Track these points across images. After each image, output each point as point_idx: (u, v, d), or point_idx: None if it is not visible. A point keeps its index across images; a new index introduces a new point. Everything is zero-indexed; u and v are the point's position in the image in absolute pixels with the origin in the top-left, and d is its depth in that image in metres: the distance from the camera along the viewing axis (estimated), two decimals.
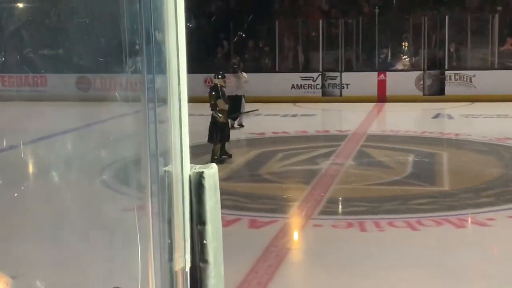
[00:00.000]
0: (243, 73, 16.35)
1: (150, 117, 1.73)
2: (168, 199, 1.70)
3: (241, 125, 15.48)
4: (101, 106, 15.38)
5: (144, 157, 1.77)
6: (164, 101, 1.70)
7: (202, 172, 1.71)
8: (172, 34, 1.66)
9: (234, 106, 14.00)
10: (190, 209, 1.70)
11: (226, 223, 7.85)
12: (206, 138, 11.27)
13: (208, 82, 21.55)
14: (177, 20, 1.67)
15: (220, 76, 11.81)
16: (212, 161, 11.16)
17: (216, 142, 11.24)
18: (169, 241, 1.70)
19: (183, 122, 1.68)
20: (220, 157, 11.27)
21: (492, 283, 6.03)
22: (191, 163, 1.76)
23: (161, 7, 1.67)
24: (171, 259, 1.72)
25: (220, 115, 11.22)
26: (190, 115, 1.75)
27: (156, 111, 1.76)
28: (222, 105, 11.35)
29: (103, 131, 13.79)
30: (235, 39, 23.25)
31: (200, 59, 21.69)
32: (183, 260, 1.73)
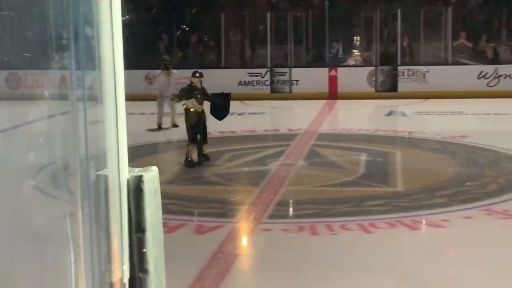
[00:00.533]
0: (174, 70, 16.20)
1: (80, 117, 1.69)
2: (105, 205, 1.66)
3: (175, 125, 15.31)
4: (30, 105, 15.06)
5: (73, 161, 1.72)
6: (98, 99, 1.66)
7: (141, 175, 1.67)
8: (106, 28, 1.62)
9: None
10: (128, 215, 1.67)
11: (170, 229, 7.79)
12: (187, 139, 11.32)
13: (149, 79, 21.44)
14: (112, 12, 1.64)
15: (197, 75, 11.73)
16: (186, 164, 11.12)
17: (194, 143, 11.20)
18: (106, 250, 1.66)
19: (119, 122, 1.64)
20: (199, 159, 11.28)
21: (448, 286, 6.14)
22: (130, 166, 1.72)
23: None
24: (108, 269, 1.68)
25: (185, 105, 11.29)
26: (130, 114, 1.71)
27: (89, 111, 1.72)
28: (196, 105, 11.25)
29: (33, 132, 13.52)
30: (178, 33, 23.09)
31: (140, 54, 21.47)
32: (121, 271, 1.69)
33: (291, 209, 9.23)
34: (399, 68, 21.07)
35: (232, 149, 12.93)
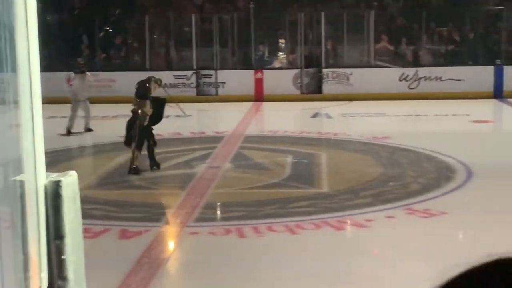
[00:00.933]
0: (88, 73, 15.95)
1: None
2: (21, 211, 1.62)
3: (89, 130, 15.06)
4: None
5: None
6: (14, 102, 1.61)
7: (59, 180, 1.63)
8: (21, 28, 1.58)
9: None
10: (46, 221, 1.63)
11: (93, 235, 7.64)
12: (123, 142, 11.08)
13: (70, 81, 21.01)
14: (27, 12, 1.59)
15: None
16: (130, 170, 10.81)
17: (139, 148, 10.93)
18: (22, 257, 1.62)
19: (36, 126, 1.60)
20: (153, 164, 11.01)
21: (373, 284, 6.25)
22: (48, 171, 1.68)
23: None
24: (25, 277, 1.64)
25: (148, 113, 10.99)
26: (51, 117, 1.66)
27: (6, 115, 1.67)
28: (148, 109, 11.03)
29: None
30: (101, 34, 22.74)
31: (62, 56, 21.05)
32: (39, 279, 1.65)
33: (218, 212, 9.22)
34: (324, 70, 21.31)
35: (158, 152, 12.78)
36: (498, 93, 20.35)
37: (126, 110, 18.45)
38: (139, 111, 10.89)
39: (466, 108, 17.95)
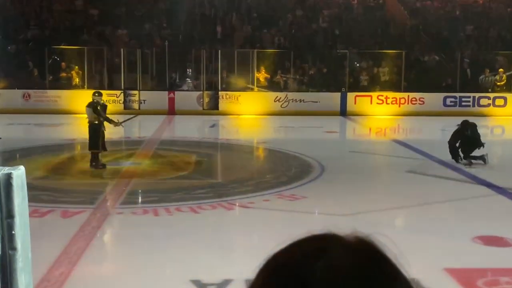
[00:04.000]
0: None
1: None
2: None
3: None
4: None
5: None
6: None
7: (11, 173, 1.57)
8: None
9: None
10: None
11: (41, 214, 7.31)
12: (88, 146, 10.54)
13: (26, 97, 20.37)
14: None
15: (97, 94, 10.85)
16: (96, 166, 10.33)
17: (100, 150, 10.43)
18: None
19: None
20: (99, 163, 10.47)
21: (253, 251, 6.33)
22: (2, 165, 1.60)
23: None
24: None
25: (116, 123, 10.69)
26: (9, 124, 1.58)
27: None
28: (90, 117, 10.50)
29: None
30: (50, 61, 21.96)
31: (19, 77, 20.37)
32: None
33: (139, 197, 9.04)
34: (220, 92, 21.38)
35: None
36: (343, 112, 21.11)
37: (68, 120, 17.82)
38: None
39: (320, 122, 18.50)
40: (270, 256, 0.63)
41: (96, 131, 10.40)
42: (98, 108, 10.50)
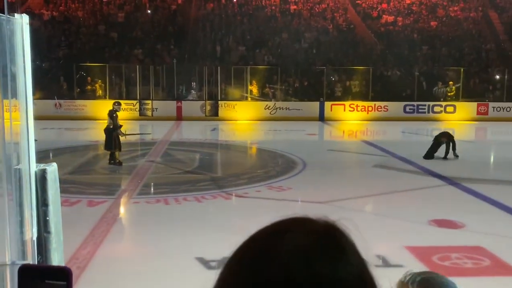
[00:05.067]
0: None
1: (6, 130, 1.55)
2: (19, 189, 1.53)
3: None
4: None
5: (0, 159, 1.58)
6: (14, 120, 1.53)
7: (45, 169, 1.56)
8: (20, 70, 1.50)
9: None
10: (36, 195, 1.55)
11: (70, 204, 7.28)
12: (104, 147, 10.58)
13: (57, 106, 20.31)
14: (24, 60, 1.51)
15: (116, 104, 10.83)
16: (114, 164, 10.28)
17: (114, 150, 10.39)
18: (20, 219, 1.54)
19: (30, 132, 1.52)
20: (116, 161, 10.43)
21: (248, 232, 6.32)
22: (37, 162, 1.60)
23: (15, 47, 1.50)
24: (22, 231, 1.56)
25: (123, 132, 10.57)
26: (43, 128, 1.58)
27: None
28: (109, 123, 10.48)
29: None
30: (77, 76, 21.88)
31: (51, 89, 20.22)
32: (31, 232, 1.57)
33: (152, 189, 9.02)
34: (219, 102, 21.34)
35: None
36: (321, 118, 21.12)
37: (93, 125, 17.69)
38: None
39: (303, 126, 18.51)
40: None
41: (110, 134, 10.38)
42: (114, 115, 10.48)
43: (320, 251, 0.58)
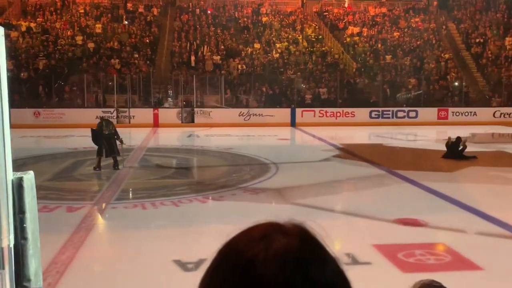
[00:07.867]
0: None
1: None
2: None
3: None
4: None
5: None
6: None
7: (22, 177, 1.52)
8: None
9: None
10: (13, 203, 1.51)
11: (49, 210, 7.10)
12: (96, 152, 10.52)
13: (36, 114, 19.92)
14: (1, 71, 1.47)
15: (105, 117, 10.81)
16: (96, 169, 10.13)
17: (102, 156, 10.36)
18: None
19: (6, 141, 1.48)
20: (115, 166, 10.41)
21: (223, 235, 6.31)
22: (14, 170, 1.55)
23: None
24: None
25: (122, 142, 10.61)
26: (22, 137, 1.53)
27: None
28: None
29: None
30: (56, 85, 21.42)
31: (30, 98, 19.73)
32: (8, 239, 1.53)
33: (130, 194, 8.89)
34: (195, 109, 21.25)
35: (91, 158, 12.11)
36: (292, 124, 21.31)
37: (72, 132, 17.33)
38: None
39: (275, 132, 18.63)
40: (224, 242, 0.63)
41: (109, 140, 10.41)
42: (103, 124, 10.61)
43: (309, 254, 0.58)
